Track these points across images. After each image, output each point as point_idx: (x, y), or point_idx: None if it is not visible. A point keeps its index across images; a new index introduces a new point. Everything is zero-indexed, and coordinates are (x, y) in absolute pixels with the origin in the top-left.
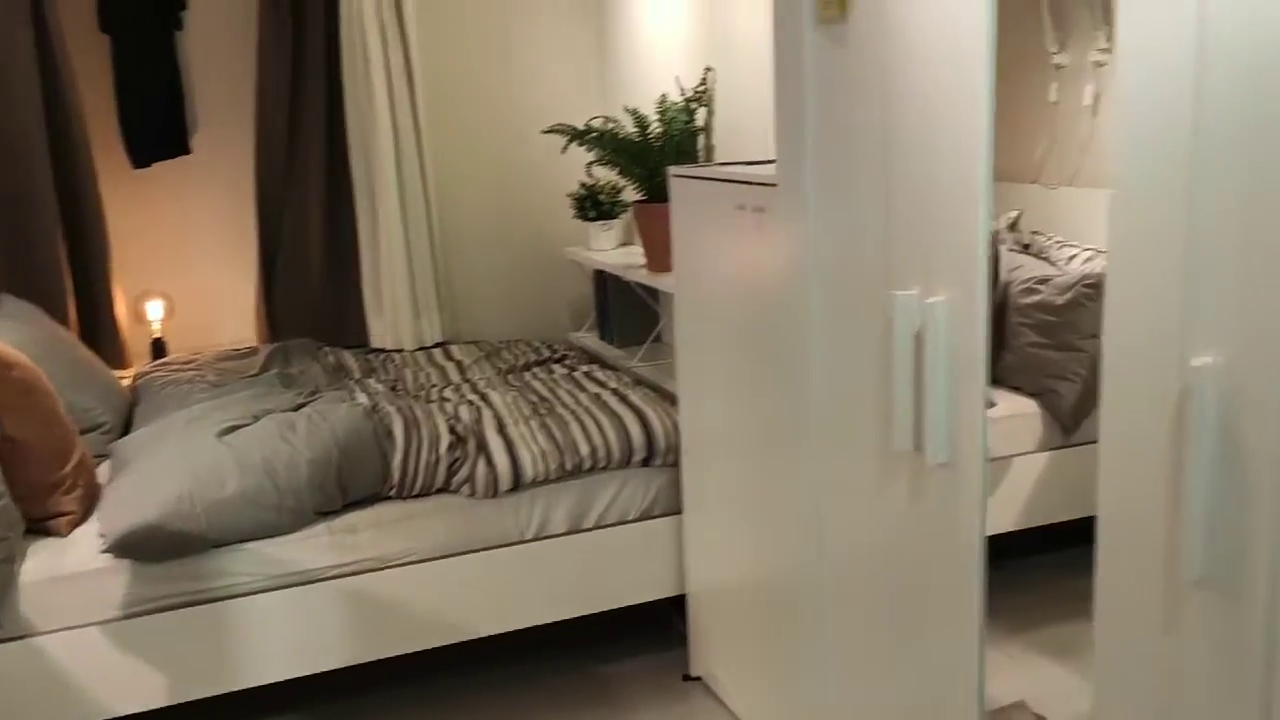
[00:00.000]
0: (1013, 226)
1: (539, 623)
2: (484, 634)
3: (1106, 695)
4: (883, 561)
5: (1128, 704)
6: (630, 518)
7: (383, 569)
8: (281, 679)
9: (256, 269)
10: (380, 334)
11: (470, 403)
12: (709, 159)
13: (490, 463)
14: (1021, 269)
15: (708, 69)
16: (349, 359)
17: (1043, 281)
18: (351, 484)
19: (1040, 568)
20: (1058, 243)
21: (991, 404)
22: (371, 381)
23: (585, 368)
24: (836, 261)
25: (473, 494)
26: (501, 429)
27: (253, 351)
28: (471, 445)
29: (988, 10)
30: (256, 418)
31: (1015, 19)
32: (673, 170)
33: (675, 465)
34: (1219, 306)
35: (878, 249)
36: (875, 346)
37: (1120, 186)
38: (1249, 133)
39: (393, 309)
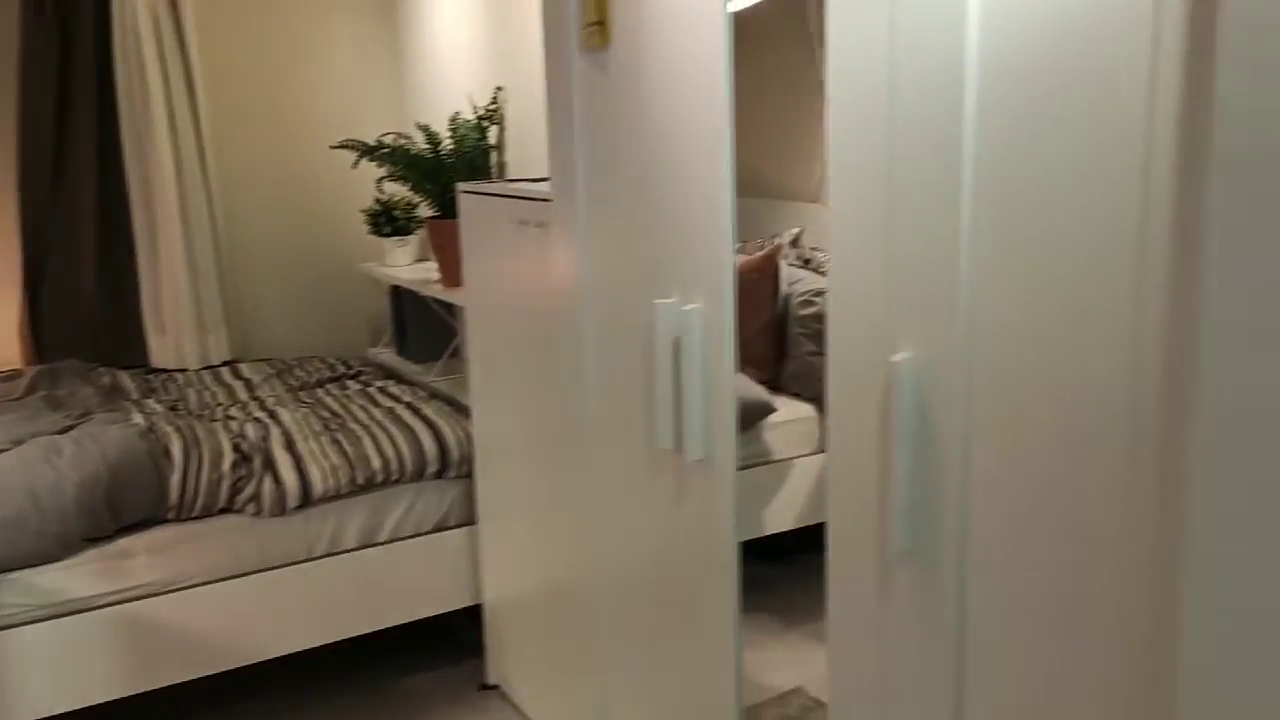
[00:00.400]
0: (794, 243)
1: (332, 640)
2: (274, 655)
3: (837, 666)
4: (653, 561)
5: (854, 672)
6: (425, 530)
7: (162, 594)
8: (50, 714)
9: (20, 288)
10: (161, 353)
11: (257, 420)
12: (502, 176)
13: (277, 480)
14: (801, 283)
15: (499, 88)
16: (126, 380)
17: (819, 294)
18: (124, 507)
19: (822, 564)
20: None
21: (773, 409)
22: (150, 402)
23: (380, 383)
24: (607, 273)
25: (259, 512)
26: (290, 445)
27: (16, 374)
28: (257, 463)
29: (725, 47)
30: (18, 442)
31: (791, 49)
32: (461, 186)
33: (469, 476)
34: (913, 308)
35: (642, 261)
36: (641, 352)
37: (836, 204)
38: (926, 158)
39: (175, 327)
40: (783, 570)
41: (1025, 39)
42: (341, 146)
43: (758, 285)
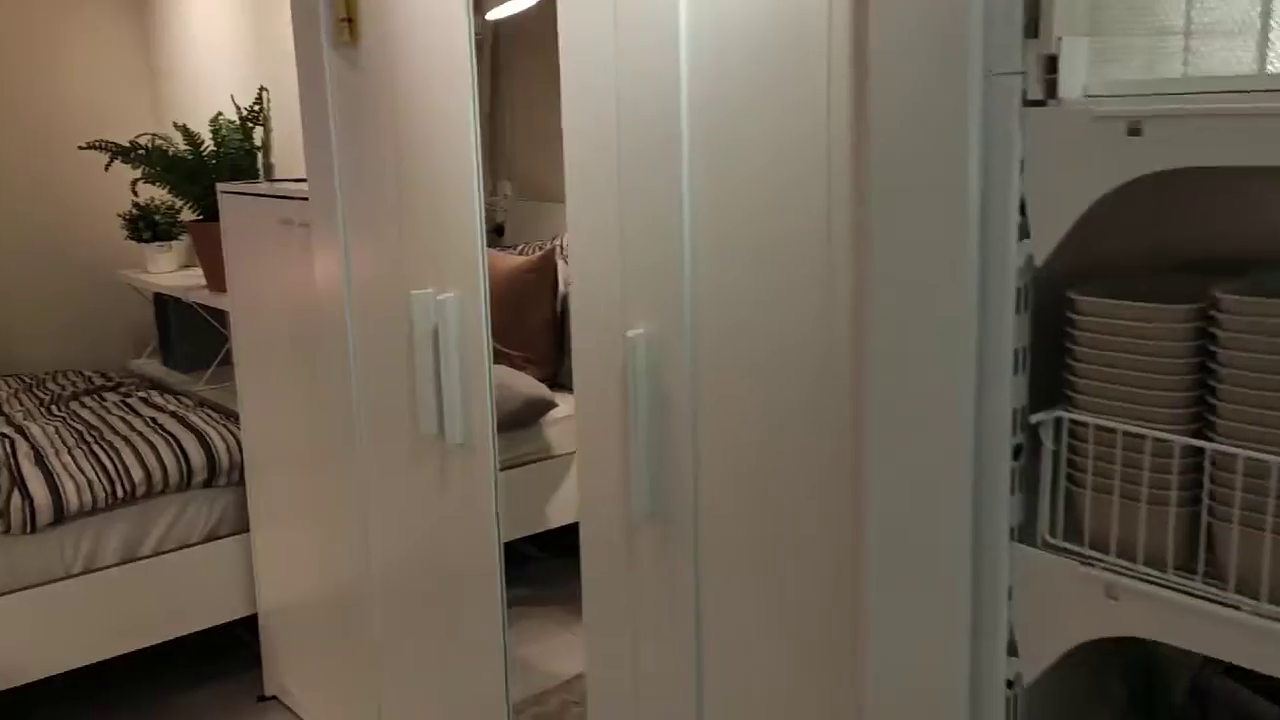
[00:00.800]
0: None
1: (95, 660)
2: (35, 678)
3: (592, 631)
4: (422, 554)
5: (607, 634)
6: (193, 541)
7: None
8: None
9: None
10: None
11: (4, 436)
12: (269, 177)
13: (27, 495)
14: None
15: (262, 88)
16: None
17: None
18: None
19: None
20: None
21: (554, 405)
22: None
23: (142, 393)
24: (367, 268)
25: (7, 530)
26: (40, 460)
27: None
28: (3, 479)
29: (467, 46)
30: None
31: None
32: (221, 187)
33: (241, 484)
34: (644, 286)
35: (398, 254)
36: (403, 343)
37: (572, 192)
38: (650, 146)
39: None
40: (571, 562)
41: (726, 39)
42: (91, 147)
43: (536, 284)
